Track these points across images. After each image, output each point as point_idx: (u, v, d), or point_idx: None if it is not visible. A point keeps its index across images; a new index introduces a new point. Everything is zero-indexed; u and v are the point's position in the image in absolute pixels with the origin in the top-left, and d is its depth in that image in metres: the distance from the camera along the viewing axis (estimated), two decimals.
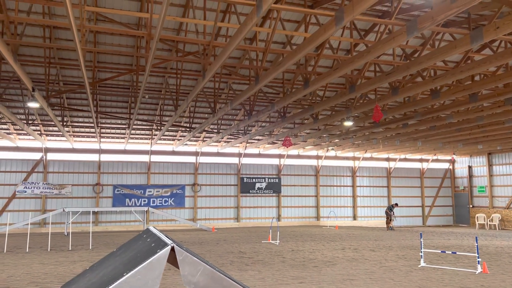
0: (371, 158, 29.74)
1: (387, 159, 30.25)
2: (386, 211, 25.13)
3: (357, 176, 29.25)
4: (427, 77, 13.08)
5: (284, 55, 13.54)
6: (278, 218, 26.63)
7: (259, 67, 10.91)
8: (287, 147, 19.13)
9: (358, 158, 29.30)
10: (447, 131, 18.80)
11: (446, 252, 12.12)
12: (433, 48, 11.87)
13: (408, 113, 16.79)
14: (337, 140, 22.30)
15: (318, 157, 28.44)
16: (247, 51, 13.32)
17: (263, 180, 27.04)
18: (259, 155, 27.35)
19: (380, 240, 18.00)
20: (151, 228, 3.20)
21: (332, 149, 26.28)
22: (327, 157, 28.52)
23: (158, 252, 2.41)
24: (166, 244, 2.46)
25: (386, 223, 24.71)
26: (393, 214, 24.82)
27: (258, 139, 24.11)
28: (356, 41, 11.81)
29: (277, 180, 27.24)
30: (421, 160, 31.11)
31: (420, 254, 11.31)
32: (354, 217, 28.75)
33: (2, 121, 19.02)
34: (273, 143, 24.46)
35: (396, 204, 25.70)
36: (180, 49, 13.08)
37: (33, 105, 12.27)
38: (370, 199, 29.48)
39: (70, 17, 6.34)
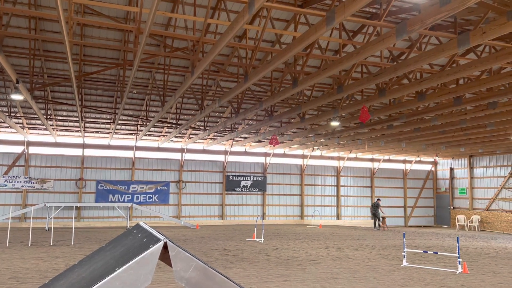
0: (356, 159, 30.03)
1: (371, 160, 30.60)
2: (372, 212, 25.16)
3: (341, 175, 29.51)
4: (413, 79, 13.29)
5: (273, 54, 13.59)
6: (263, 216, 26.68)
7: (248, 65, 10.91)
8: (273, 146, 19.18)
9: (343, 158, 29.56)
10: (431, 133, 19.11)
11: (428, 252, 12.34)
12: (420, 51, 12.04)
13: (394, 114, 17.03)
14: (322, 140, 22.46)
15: (303, 156, 28.60)
16: (236, 48, 13.31)
17: (249, 178, 27.06)
18: (245, 153, 27.36)
19: (363, 239, 18.21)
20: (142, 224, 3.18)
21: (318, 148, 26.46)
22: (312, 157, 28.69)
23: (151, 247, 2.40)
24: (158, 240, 2.45)
25: (377, 223, 24.70)
26: (381, 210, 24.74)
27: (245, 137, 24.11)
28: (345, 42, 11.90)
29: (262, 179, 27.29)
30: (404, 161, 31.56)
31: (403, 253, 11.48)
32: (338, 216, 29.01)
33: None
34: (260, 141, 24.50)
35: (379, 199, 25.60)
36: (169, 44, 12.99)
37: (16, 97, 12.03)
38: (353, 198, 29.77)
39: (59, 9, 6.24)
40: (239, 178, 26.84)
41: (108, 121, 21.14)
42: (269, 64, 9.08)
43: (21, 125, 21.08)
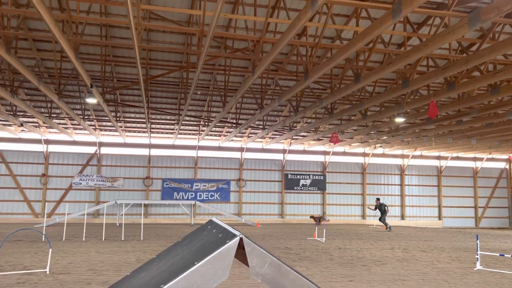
0: (421, 156, 28.73)
1: (438, 158, 29.11)
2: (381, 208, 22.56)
3: (405, 174, 28.38)
4: (485, 71, 12.45)
5: (333, 50, 13.38)
6: (323, 215, 26.34)
7: (309, 62, 10.82)
8: (334, 144, 18.90)
9: (407, 156, 28.40)
10: (504, 129, 17.79)
11: (506, 255, 11.51)
12: (493, 40, 11.25)
13: (463, 109, 16.07)
14: (385, 137, 21.74)
15: (364, 155, 27.86)
16: (295, 46, 13.27)
17: (308, 177, 26.86)
18: (304, 152, 27.19)
19: (431, 240, 17.38)
20: (215, 220, 3.26)
21: (380, 146, 25.64)
22: (374, 155, 27.87)
23: (228, 242, 2.44)
24: (234, 235, 2.50)
25: (387, 224, 22.16)
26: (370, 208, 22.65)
27: (303, 136, 23.97)
28: (410, 34, 11.42)
29: (322, 177, 26.97)
30: (474, 159, 29.68)
31: (476, 256, 10.81)
32: (402, 217, 27.94)
33: (61, 116, 20.10)
34: (319, 139, 24.21)
35: (378, 199, 23.33)
36: (229, 45, 13.25)
37: (91, 101, 12.87)
38: (419, 198, 28.51)
39: (130, 16, 6.59)
40: (298, 176, 26.73)
41: (172, 121, 21.99)
42: (330, 61, 8.94)
43: (94, 127, 22.53)
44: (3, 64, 14.42)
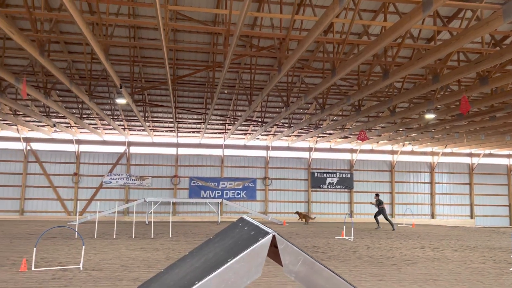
0: (452, 153, 27.98)
1: (470, 155, 28.29)
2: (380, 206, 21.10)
3: (435, 172, 27.71)
4: None
5: (360, 46, 13.19)
6: (351, 214, 26.06)
7: (336, 59, 10.70)
8: (362, 141, 18.62)
9: (437, 153, 27.72)
10: None
11: None
12: None
13: (497, 104, 15.53)
14: (414, 134, 21.28)
15: (393, 152, 27.36)
16: (321, 43, 13.15)
17: (334, 175, 26.62)
18: (330, 150, 26.94)
19: (463, 239, 16.91)
20: (246, 217, 3.27)
21: (409, 143, 25.12)
22: (403, 152, 27.32)
23: (260, 240, 2.44)
24: (267, 233, 2.50)
25: (392, 223, 20.79)
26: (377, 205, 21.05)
27: (330, 133, 23.75)
28: (440, 28, 11.12)
29: (349, 176, 26.66)
30: (508, 156, 28.67)
31: None
32: (432, 215, 27.30)
33: (91, 116, 20.63)
34: (346, 137, 23.94)
35: (377, 195, 21.75)
36: (254, 44, 13.26)
37: (121, 101, 13.15)
38: (450, 196, 27.79)
39: (159, 17, 6.69)
40: (325, 175, 26.52)
41: (198, 121, 22.21)
42: (358, 57, 8.82)
43: (123, 127, 23.02)
44: (37, 67, 14.92)
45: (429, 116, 15.18)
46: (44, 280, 8.05)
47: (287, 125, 21.09)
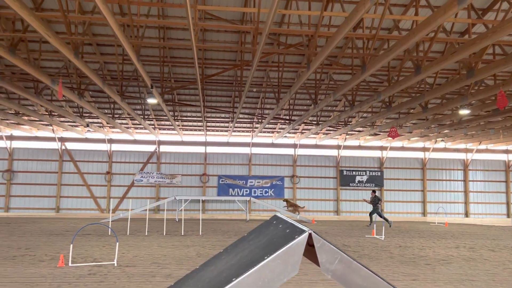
0: (486, 150, 27.05)
1: (506, 151, 27.26)
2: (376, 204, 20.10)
3: (469, 169, 26.87)
4: None
5: (390, 41, 12.94)
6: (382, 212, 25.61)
7: (366, 54, 10.53)
8: (393, 139, 18.27)
9: (471, 150, 26.87)
10: None
11: None
12: None
13: None
14: (447, 131, 20.70)
15: (424, 149, 26.71)
16: (350, 39, 12.98)
17: (364, 173, 26.23)
18: (359, 147, 26.57)
19: (499, 239, 16.33)
20: (280, 215, 3.27)
21: (442, 140, 24.46)
22: (435, 149, 26.62)
23: (296, 238, 2.44)
24: (303, 231, 2.49)
25: (383, 217, 19.82)
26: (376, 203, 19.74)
27: (359, 131, 23.42)
28: (474, 21, 10.76)
29: (379, 174, 26.22)
30: None
31: None
32: (466, 214, 26.51)
33: (123, 116, 21.12)
34: (375, 134, 23.53)
35: (374, 191, 20.58)
36: (282, 42, 13.23)
37: (151, 101, 13.40)
38: (485, 195, 26.89)
39: (189, 17, 6.77)
40: (354, 173, 26.18)
41: (226, 119, 22.36)
42: (389, 52, 8.64)
43: (153, 126, 23.45)
44: (70, 69, 15.38)
45: (463, 111, 14.72)
46: (81, 276, 8.31)
47: (315, 122, 20.94)
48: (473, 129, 19.27)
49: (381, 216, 19.73)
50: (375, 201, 19.86)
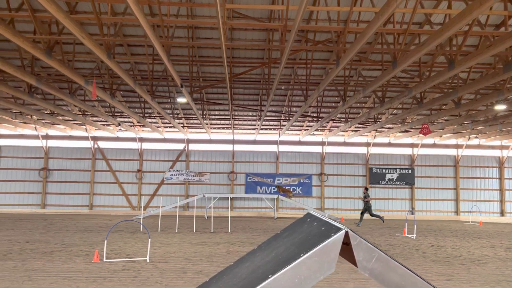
0: None
1: None
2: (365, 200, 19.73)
3: (505, 167, 25.92)
4: None
5: (421, 36, 12.63)
6: (412, 211, 25.09)
7: (397, 50, 10.33)
8: (425, 135, 17.85)
9: (506, 147, 25.92)
10: None
11: None
12: None
13: None
14: (481, 127, 20.05)
15: (457, 146, 25.95)
16: (378, 34, 12.75)
17: (394, 170, 25.74)
18: (389, 145, 26.09)
19: None
20: (313, 212, 3.26)
21: (476, 137, 23.70)
22: (468, 146, 25.83)
23: (333, 235, 2.42)
24: (339, 229, 2.47)
25: (375, 215, 19.58)
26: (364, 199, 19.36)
27: (389, 128, 22.99)
28: (511, 13, 10.35)
29: (410, 171, 25.67)
30: None
31: None
32: (502, 213, 25.61)
33: (153, 115, 21.51)
34: (406, 131, 23.05)
35: (366, 189, 20.39)
36: (310, 38, 13.12)
37: (181, 100, 13.59)
38: None
39: (219, 16, 6.82)
40: (384, 170, 25.73)
41: (254, 117, 22.41)
42: (422, 47, 8.44)
43: (182, 125, 23.78)
44: (102, 69, 15.79)
45: (499, 107, 14.21)
46: (115, 271, 8.54)
47: (343, 119, 20.70)
48: (509, 125, 18.58)
49: (372, 215, 19.55)
50: (366, 199, 19.61)
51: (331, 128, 24.31)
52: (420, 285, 2.74)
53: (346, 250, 2.79)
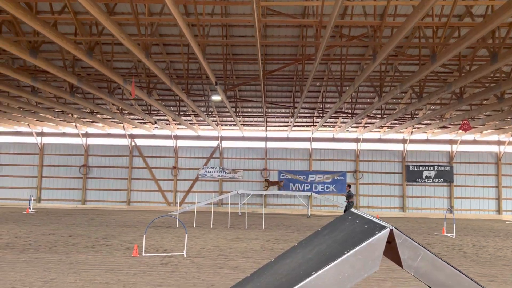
0: None
1: None
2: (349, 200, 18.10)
3: None
4: None
5: (461, 29, 12.20)
6: (451, 209, 24.32)
7: (436, 44, 10.02)
8: (465, 132, 17.25)
9: None
10: None
11: None
12: None
13: None
14: None
15: (499, 143, 24.91)
16: (416, 28, 12.41)
17: (432, 168, 25.02)
18: (427, 141, 25.37)
19: None
20: (355, 211, 3.24)
21: None
22: (511, 143, 24.75)
23: (377, 233, 2.40)
24: (383, 227, 2.45)
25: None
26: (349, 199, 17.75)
27: (426, 124, 22.35)
28: None
29: (448, 168, 24.88)
30: None
31: None
32: None
33: (187, 113, 21.87)
34: (444, 127, 22.33)
35: (349, 186, 18.58)
36: (344, 34, 12.94)
37: (216, 98, 13.75)
38: None
39: (255, 14, 6.85)
40: (421, 168, 25.06)
41: (286, 114, 22.36)
42: (463, 40, 8.15)
43: (216, 123, 24.05)
44: (139, 69, 16.19)
45: None
46: (154, 265, 8.77)
47: (379, 116, 20.29)
48: None
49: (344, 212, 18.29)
50: (349, 197, 18.00)
51: (366, 125, 23.90)
52: (467, 285, 2.67)
53: (389, 249, 2.75)
